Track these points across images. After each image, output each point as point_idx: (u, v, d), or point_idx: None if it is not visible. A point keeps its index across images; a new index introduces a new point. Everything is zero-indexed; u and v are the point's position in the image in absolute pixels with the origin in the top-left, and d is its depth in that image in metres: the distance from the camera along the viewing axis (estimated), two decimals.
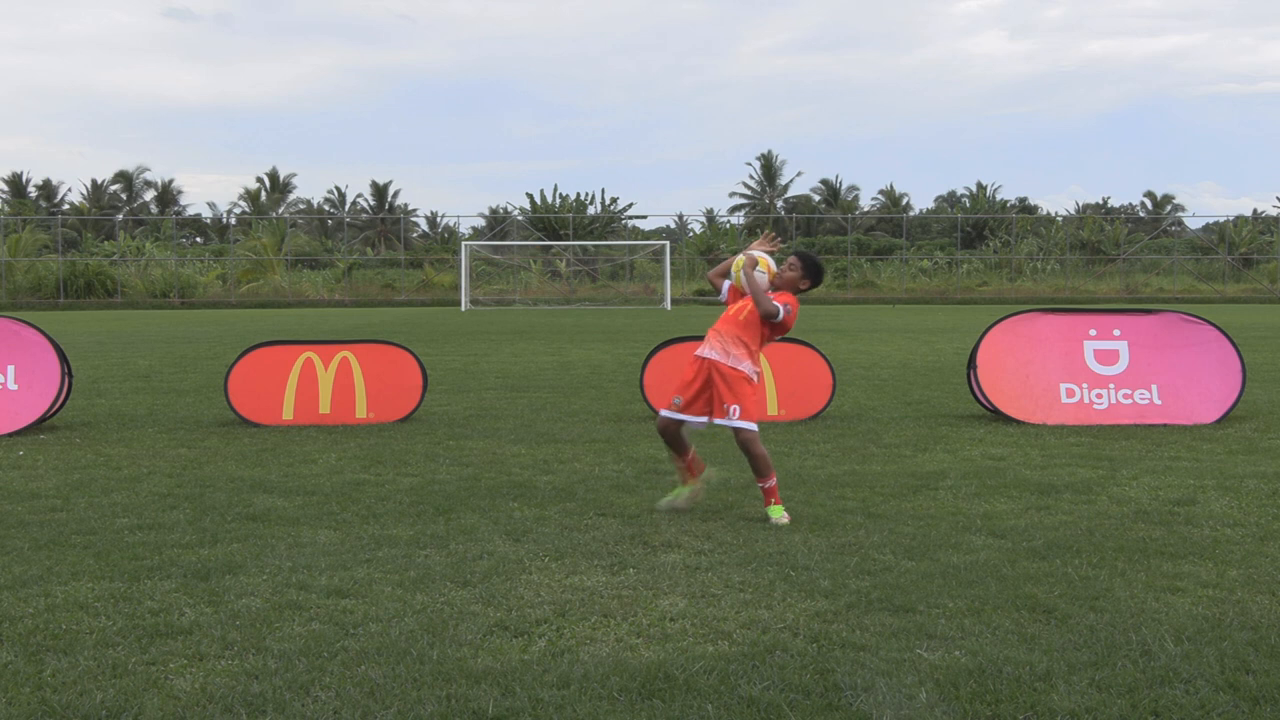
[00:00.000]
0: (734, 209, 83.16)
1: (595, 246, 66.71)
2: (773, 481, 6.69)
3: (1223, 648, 4.35)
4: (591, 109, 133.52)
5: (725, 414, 6.72)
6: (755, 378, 6.84)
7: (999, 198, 79.08)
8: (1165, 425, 10.46)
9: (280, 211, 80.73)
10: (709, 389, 6.82)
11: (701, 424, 6.90)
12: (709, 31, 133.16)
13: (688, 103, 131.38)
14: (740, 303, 6.92)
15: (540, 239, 68.16)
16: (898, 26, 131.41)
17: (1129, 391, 10.80)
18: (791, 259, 7.00)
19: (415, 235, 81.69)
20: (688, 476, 7.01)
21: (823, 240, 68.55)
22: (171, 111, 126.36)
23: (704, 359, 6.85)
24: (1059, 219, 72.04)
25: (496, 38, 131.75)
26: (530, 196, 71.96)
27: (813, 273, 6.97)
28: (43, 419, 10.64)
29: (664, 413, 6.98)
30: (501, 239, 68.24)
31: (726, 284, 7.06)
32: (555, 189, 71.96)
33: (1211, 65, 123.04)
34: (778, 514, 6.61)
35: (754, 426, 6.71)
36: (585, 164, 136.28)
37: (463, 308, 50.69)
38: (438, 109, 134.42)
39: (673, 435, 6.96)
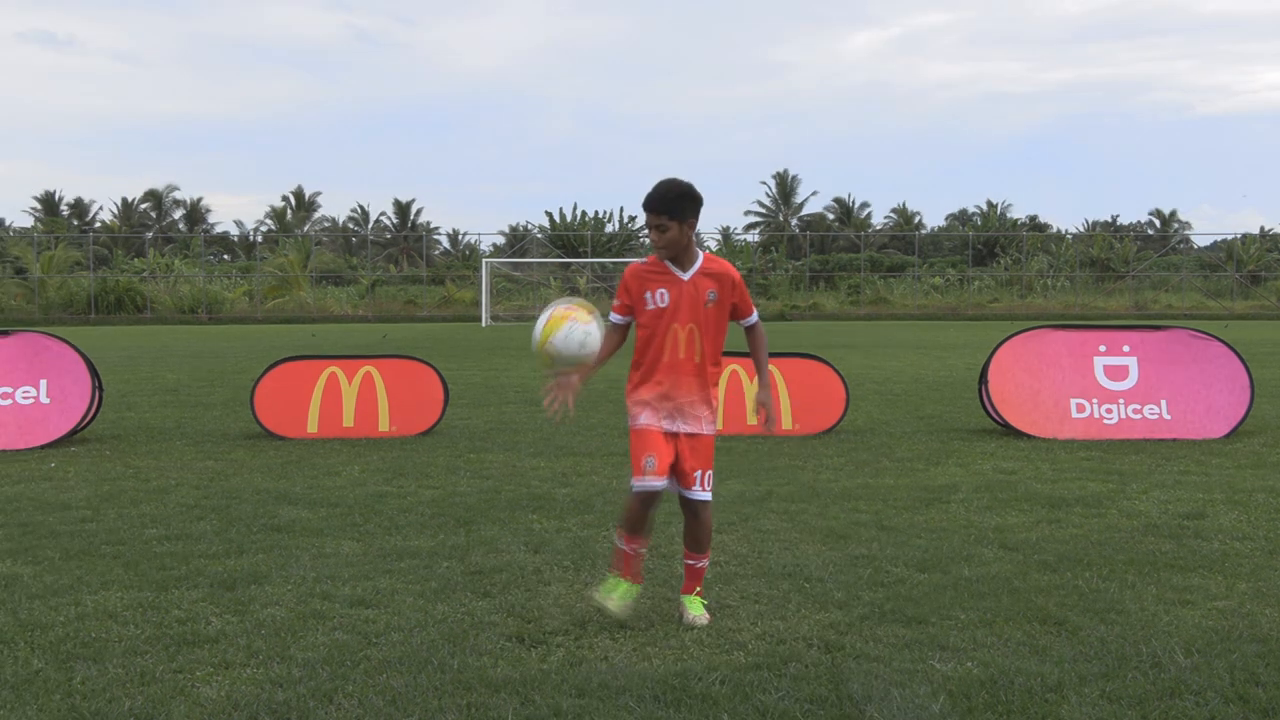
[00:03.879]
0: (749, 226, 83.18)
1: (613, 263, 66.77)
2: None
3: (1232, 660, 4.32)
4: (610, 129, 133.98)
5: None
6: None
7: (1009, 215, 78.88)
8: (1174, 440, 10.41)
9: (305, 229, 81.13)
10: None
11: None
12: (723, 56, 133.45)
13: (704, 123, 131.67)
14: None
15: (559, 256, 68.28)
16: (911, 53, 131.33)
17: (1138, 406, 10.75)
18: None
19: (437, 252, 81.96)
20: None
21: (836, 258, 68.49)
22: (200, 132, 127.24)
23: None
24: (1069, 237, 71.79)
25: (518, 62, 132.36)
26: (549, 215, 72.24)
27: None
28: (74, 432, 10.70)
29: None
30: (521, 256, 68.35)
31: None
32: (574, 207, 72.21)
33: (1205, 86, 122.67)
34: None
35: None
36: (603, 183, 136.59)
37: (483, 323, 50.77)
38: (460, 129, 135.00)
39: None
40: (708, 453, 5.00)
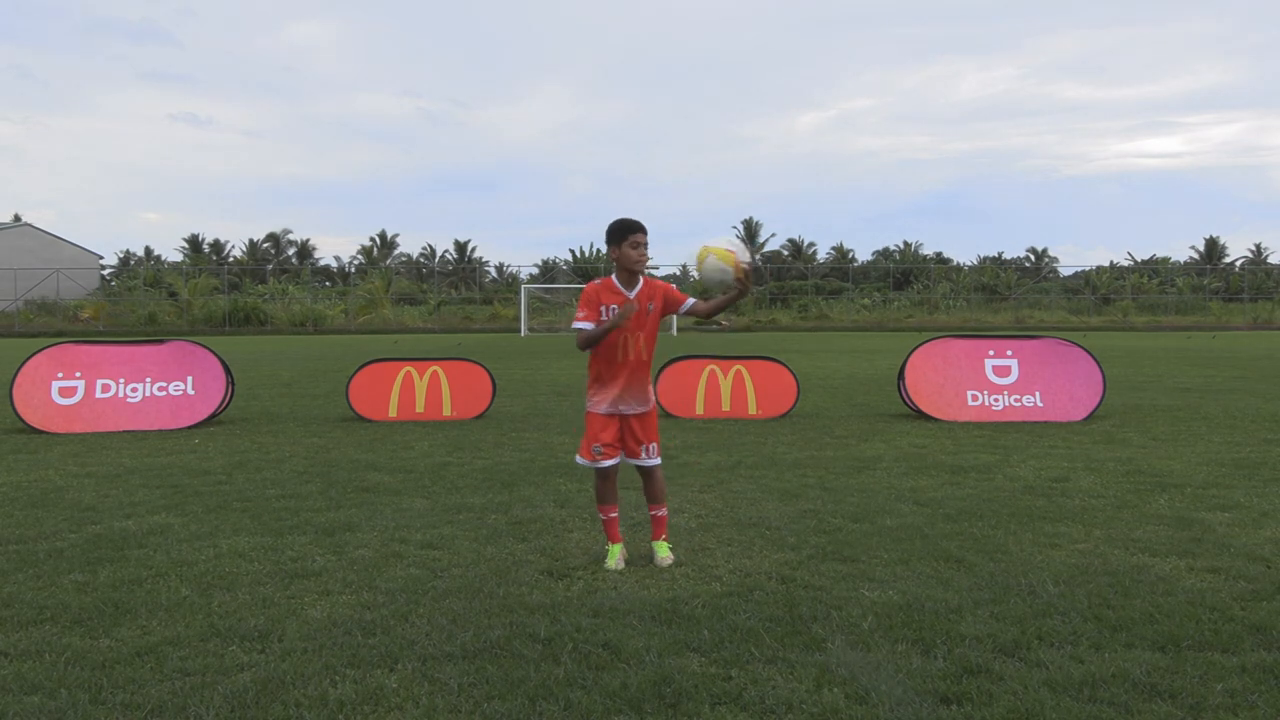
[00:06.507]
0: None
1: None
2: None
3: (1090, 589, 4.31)
4: (618, 186, 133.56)
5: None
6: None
7: (921, 252, 78.70)
8: (1046, 422, 10.39)
9: (387, 262, 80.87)
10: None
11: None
12: (705, 131, 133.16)
13: (689, 182, 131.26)
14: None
15: (580, 283, 68.19)
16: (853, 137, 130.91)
17: (1019, 397, 10.73)
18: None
19: (487, 280, 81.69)
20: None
21: (790, 284, 68.32)
22: (307, 188, 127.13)
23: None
24: (965, 268, 71.65)
25: (548, 135, 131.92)
26: (572, 251, 72.34)
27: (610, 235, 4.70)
28: (213, 416, 10.69)
29: None
30: (550, 283, 68.23)
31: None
32: (591, 245, 72.20)
33: (1067, 154, 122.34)
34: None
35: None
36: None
37: (522, 334, 50.68)
38: (504, 186, 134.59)
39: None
40: (653, 427, 4.84)
